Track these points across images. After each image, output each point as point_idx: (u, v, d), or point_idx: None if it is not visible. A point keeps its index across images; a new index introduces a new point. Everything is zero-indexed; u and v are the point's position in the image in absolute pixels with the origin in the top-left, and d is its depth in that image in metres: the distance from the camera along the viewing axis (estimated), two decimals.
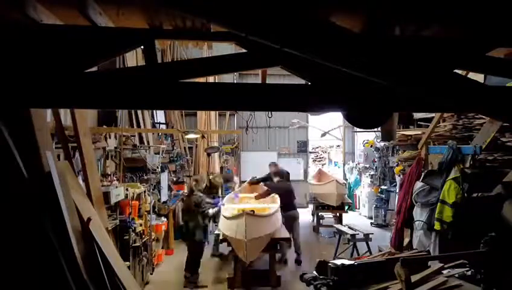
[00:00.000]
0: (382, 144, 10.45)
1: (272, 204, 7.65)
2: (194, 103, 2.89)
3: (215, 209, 6.88)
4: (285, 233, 6.47)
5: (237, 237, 5.24)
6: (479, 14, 2.72)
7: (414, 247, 5.51)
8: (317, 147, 17.85)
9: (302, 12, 2.02)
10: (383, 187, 10.64)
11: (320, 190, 10.42)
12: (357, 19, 2.83)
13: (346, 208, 10.08)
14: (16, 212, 2.91)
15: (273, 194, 7.84)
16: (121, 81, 2.74)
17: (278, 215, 6.65)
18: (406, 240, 6.15)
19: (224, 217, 6.18)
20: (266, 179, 8.48)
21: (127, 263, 5.00)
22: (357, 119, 3.34)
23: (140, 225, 5.76)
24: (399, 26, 2.98)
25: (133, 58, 8.66)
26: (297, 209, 7.85)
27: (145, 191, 6.41)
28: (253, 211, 5.84)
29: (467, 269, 3.28)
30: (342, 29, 2.13)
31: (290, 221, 7.39)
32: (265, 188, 8.14)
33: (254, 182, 8.97)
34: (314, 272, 3.41)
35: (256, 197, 7.77)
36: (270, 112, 4.90)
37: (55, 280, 2.99)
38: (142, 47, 2.88)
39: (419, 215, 5.57)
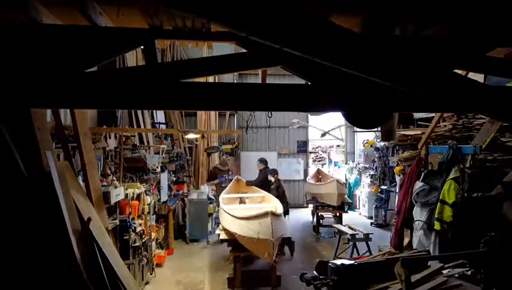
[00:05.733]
0: (382, 144, 10.43)
1: (266, 203, 7.69)
2: (194, 103, 2.89)
3: None
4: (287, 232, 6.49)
5: (261, 237, 5.17)
6: (480, 14, 2.73)
7: (414, 247, 5.51)
8: (317, 147, 17.84)
9: (302, 12, 2.02)
10: (383, 187, 10.63)
11: (320, 189, 10.41)
12: (357, 19, 2.84)
13: (346, 208, 10.07)
14: (16, 213, 2.91)
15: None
16: (121, 81, 2.75)
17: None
18: (406, 240, 6.15)
19: (237, 217, 6.06)
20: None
21: (128, 260, 5.01)
22: (357, 119, 3.34)
23: (140, 225, 5.76)
24: (399, 26, 2.99)
25: (133, 58, 8.66)
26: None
27: (145, 191, 6.41)
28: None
29: (467, 269, 3.28)
30: (342, 29, 2.13)
31: None
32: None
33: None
34: (314, 272, 3.41)
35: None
36: (270, 112, 4.91)
37: (55, 280, 2.99)
38: (142, 47, 2.88)
39: (419, 215, 5.57)
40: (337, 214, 9.76)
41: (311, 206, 11.19)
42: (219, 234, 6.51)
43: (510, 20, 2.75)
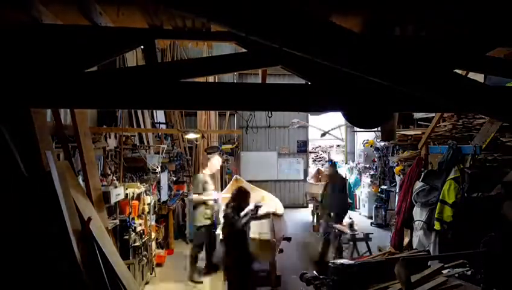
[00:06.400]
0: (382, 144, 10.43)
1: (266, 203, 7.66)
2: (194, 103, 2.90)
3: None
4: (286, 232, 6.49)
5: (262, 238, 5.18)
6: (480, 14, 2.73)
7: (414, 247, 5.51)
8: (317, 147, 17.84)
9: (302, 12, 2.02)
10: (383, 187, 10.62)
11: (320, 189, 10.40)
12: (357, 19, 2.83)
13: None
14: (16, 212, 2.91)
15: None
16: (121, 81, 2.75)
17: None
18: (406, 240, 6.15)
19: None
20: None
21: (128, 260, 5.01)
22: (357, 119, 3.34)
23: (140, 224, 5.76)
24: (399, 26, 2.99)
25: (133, 58, 8.65)
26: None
27: (145, 191, 6.41)
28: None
29: (467, 269, 3.28)
30: (342, 29, 2.13)
31: None
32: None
33: None
34: (314, 272, 3.41)
35: None
36: (270, 112, 4.91)
37: (55, 280, 2.99)
38: (142, 47, 2.88)
39: (419, 215, 5.57)
40: None
41: (311, 206, 11.19)
42: (219, 234, 6.50)
43: (510, 20, 2.75)
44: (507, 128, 5.06)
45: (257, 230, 5.27)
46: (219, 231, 5.88)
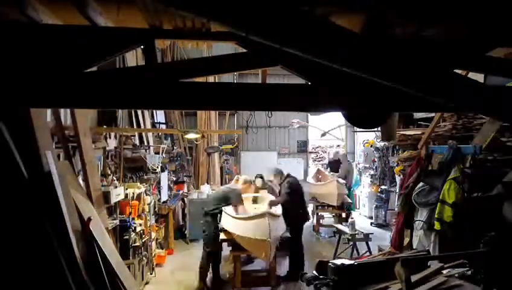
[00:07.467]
0: (382, 144, 10.43)
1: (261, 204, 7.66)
2: (194, 103, 2.89)
3: None
4: (285, 233, 6.47)
5: (258, 238, 5.19)
6: (480, 14, 2.73)
7: (414, 247, 5.51)
8: (317, 147, 17.84)
9: (302, 12, 2.02)
10: (383, 187, 10.63)
11: (320, 189, 10.40)
12: (357, 19, 2.83)
13: (346, 207, 10.05)
14: (16, 212, 2.91)
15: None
16: (120, 81, 2.75)
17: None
18: (406, 240, 6.15)
19: (234, 217, 6.09)
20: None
21: (128, 260, 5.01)
22: (357, 119, 3.34)
23: (140, 224, 5.76)
24: (399, 26, 2.99)
25: (133, 58, 8.65)
26: None
27: (145, 191, 6.41)
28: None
29: (467, 269, 3.28)
30: (342, 29, 2.13)
31: None
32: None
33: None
34: (314, 272, 3.41)
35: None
36: (270, 112, 4.91)
37: (55, 280, 2.99)
38: (142, 47, 2.88)
39: (419, 215, 5.57)
40: (341, 214, 9.71)
41: (311, 206, 11.19)
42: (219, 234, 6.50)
43: (510, 20, 2.75)
44: (507, 128, 5.05)
45: (253, 229, 5.27)
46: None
